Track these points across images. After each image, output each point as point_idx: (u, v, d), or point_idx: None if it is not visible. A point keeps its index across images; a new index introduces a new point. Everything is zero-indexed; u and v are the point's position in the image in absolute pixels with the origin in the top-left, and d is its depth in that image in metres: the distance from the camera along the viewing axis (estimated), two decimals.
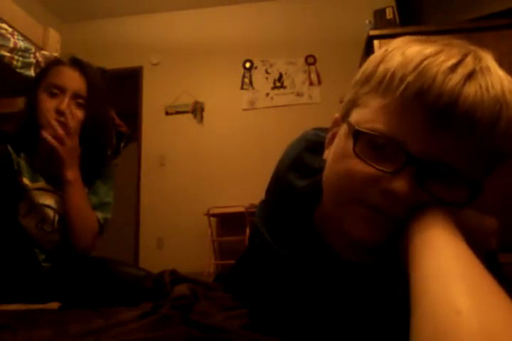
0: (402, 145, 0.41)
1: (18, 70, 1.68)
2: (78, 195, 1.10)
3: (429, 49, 0.42)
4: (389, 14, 2.10)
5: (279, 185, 0.59)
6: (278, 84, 4.08)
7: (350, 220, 0.45)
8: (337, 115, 0.52)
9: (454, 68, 0.39)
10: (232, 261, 4.08)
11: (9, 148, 1.09)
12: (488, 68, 0.41)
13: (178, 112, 4.18)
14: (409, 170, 0.40)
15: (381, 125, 0.42)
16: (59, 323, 0.76)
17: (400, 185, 0.40)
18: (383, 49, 0.46)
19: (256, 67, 4.17)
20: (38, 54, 1.76)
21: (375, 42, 1.83)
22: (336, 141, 0.49)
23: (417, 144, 0.40)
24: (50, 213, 1.12)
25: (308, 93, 3.99)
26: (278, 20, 4.19)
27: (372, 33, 1.85)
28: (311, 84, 4.00)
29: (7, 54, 1.61)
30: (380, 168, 0.42)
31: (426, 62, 0.40)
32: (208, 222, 3.63)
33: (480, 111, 0.38)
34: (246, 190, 3.76)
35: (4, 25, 1.59)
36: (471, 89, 0.39)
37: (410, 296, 0.33)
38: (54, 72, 1.15)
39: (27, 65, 1.71)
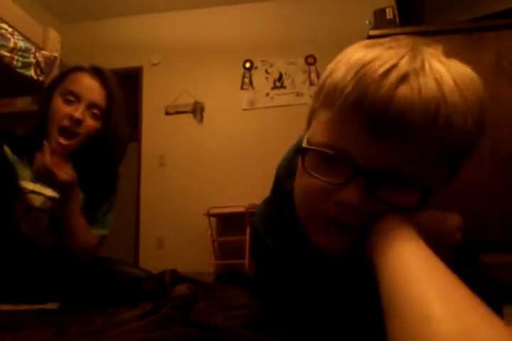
0: (347, 157, 0.41)
1: (18, 70, 1.68)
2: (74, 214, 1.05)
3: (368, 55, 0.42)
4: (389, 14, 2.10)
5: (276, 185, 0.60)
6: (278, 84, 4.08)
7: (315, 231, 0.46)
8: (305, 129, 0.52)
9: (387, 73, 0.39)
10: (232, 261, 4.03)
11: (6, 148, 1.08)
12: (422, 68, 0.40)
13: (178, 112, 4.18)
14: (357, 180, 0.41)
15: (326, 138, 0.43)
16: (59, 323, 0.76)
17: (349, 195, 0.41)
18: (335, 60, 0.46)
19: (256, 67, 4.16)
20: (38, 54, 1.76)
21: None
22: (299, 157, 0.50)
23: (360, 154, 0.41)
24: (44, 216, 1.10)
25: (309, 93, 3.98)
26: (278, 20, 4.19)
27: (372, 33, 1.85)
28: (311, 84, 4.00)
29: (7, 54, 1.61)
30: (328, 180, 0.42)
31: (362, 71, 0.40)
32: (208, 222, 3.62)
33: (411, 113, 0.38)
34: (246, 190, 3.75)
35: (4, 25, 1.59)
36: (402, 93, 0.38)
37: (381, 303, 0.33)
38: (72, 78, 1.10)
39: (27, 65, 1.71)
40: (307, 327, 0.53)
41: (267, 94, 4.07)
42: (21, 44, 1.66)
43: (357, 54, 0.43)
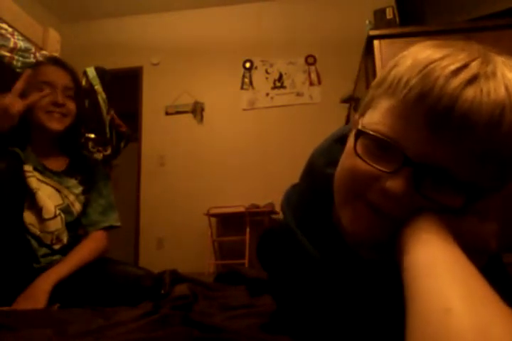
0: (400, 147, 0.41)
1: (18, 70, 1.68)
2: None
3: (438, 53, 0.42)
4: (389, 14, 2.09)
5: (311, 170, 0.59)
6: (278, 84, 4.08)
7: (350, 215, 0.46)
8: (356, 116, 0.53)
9: (456, 72, 0.40)
10: (232, 261, 4.02)
11: (18, 151, 1.11)
12: (494, 73, 0.40)
13: (178, 112, 4.18)
14: (406, 171, 0.41)
15: (384, 126, 0.43)
16: (59, 323, 0.76)
17: (395, 184, 0.41)
18: (401, 54, 0.47)
19: (256, 67, 4.16)
20: (38, 54, 1.76)
21: (375, 42, 1.82)
22: (349, 140, 0.50)
23: (415, 147, 0.41)
24: (48, 203, 1.13)
25: (308, 93, 3.99)
26: (278, 20, 4.19)
27: (372, 33, 1.85)
28: (311, 84, 4.00)
29: (7, 54, 1.61)
30: (378, 167, 0.43)
31: (431, 66, 0.41)
32: (208, 222, 3.62)
33: (477, 115, 0.38)
34: (246, 190, 3.75)
35: (4, 25, 1.59)
36: (470, 93, 0.39)
37: (404, 296, 0.34)
38: (38, 72, 1.18)
39: (27, 65, 1.71)
40: (326, 326, 0.52)
41: (267, 94, 4.07)
42: (21, 44, 1.66)
43: (426, 51, 0.43)
